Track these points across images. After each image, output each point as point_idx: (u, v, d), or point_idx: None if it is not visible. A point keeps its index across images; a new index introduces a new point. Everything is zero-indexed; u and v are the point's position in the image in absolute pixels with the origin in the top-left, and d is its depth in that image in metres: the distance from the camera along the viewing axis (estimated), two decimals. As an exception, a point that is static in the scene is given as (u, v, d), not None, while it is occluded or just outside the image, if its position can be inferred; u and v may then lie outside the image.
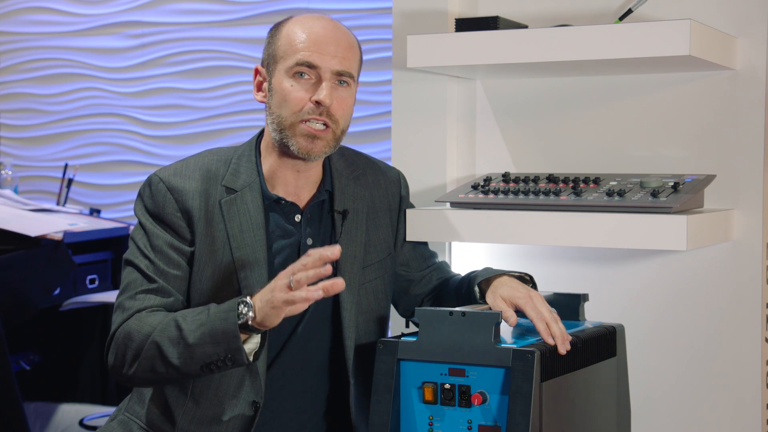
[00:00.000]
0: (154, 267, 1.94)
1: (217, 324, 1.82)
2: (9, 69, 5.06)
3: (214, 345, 1.82)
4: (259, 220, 1.97)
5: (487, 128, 2.43)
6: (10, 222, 3.47)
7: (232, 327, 1.81)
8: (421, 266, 2.19)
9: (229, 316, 1.81)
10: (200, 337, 1.83)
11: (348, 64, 1.96)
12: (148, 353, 1.87)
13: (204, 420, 1.96)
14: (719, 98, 2.20)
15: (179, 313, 1.89)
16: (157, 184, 1.97)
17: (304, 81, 1.94)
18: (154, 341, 1.86)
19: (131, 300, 1.93)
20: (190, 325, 1.85)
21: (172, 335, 1.85)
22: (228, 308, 1.83)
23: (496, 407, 1.77)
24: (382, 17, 4.31)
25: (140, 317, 1.90)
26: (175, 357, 1.85)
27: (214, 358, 1.83)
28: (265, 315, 1.80)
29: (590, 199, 2.07)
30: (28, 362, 3.77)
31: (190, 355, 1.84)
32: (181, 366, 1.85)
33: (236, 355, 1.82)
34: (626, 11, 2.22)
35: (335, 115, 1.95)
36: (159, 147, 4.79)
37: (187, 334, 1.84)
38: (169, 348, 1.85)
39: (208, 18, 4.66)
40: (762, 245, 2.17)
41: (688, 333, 2.23)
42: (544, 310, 1.87)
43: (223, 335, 1.81)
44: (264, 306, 1.80)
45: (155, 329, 1.87)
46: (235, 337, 1.81)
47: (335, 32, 1.97)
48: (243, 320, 1.81)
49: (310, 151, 1.94)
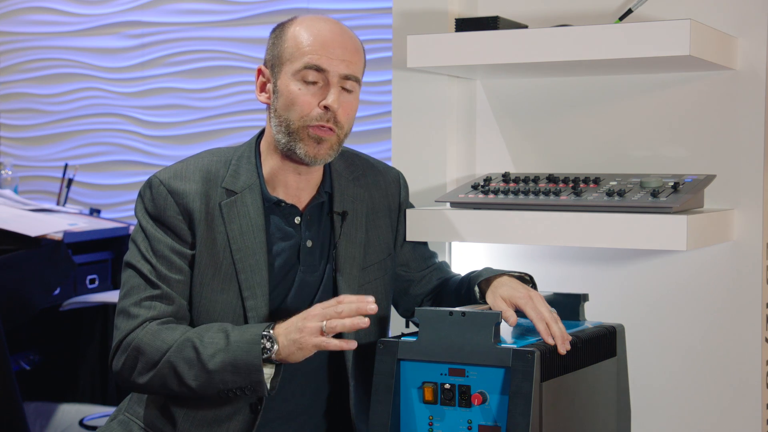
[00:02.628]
0: (157, 272, 1.94)
1: (239, 355, 1.83)
2: (9, 69, 5.06)
3: (235, 375, 1.83)
4: (259, 222, 1.97)
5: (487, 128, 2.43)
6: (10, 222, 3.47)
7: (255, 361, 1.82)
8: (420, 266, 2.19)
9: (253, 348, 1.82)
10: (221, 365, 1.83)
11: (354, 67, 1.96)
12: (161, 372, 1.87)
13: (204, 421, 1.95)
14: (719, 98, 2.20)
15: (194, 333, 1.88)
16: (158, 187, 1.97)
17: (311, 85, 1.93)
18: (169, 362, 1.86)
19: (137, 307, 1.92)
20: (208, 348, 1.85)
21: (189, 357, 1.85)
22: (251, 340, 1.83)
23: (496, 407, 1.77)
24: (382, 17, 4.31)
25: (151, 331, 1.89)
26: (191, 379, 1.86)
27: (233, 386, 1.84)
28: (290, 354, 1.82)
29: (590, 199, 2.07)
30: (28, 362, 3.77)
31: (209, 380, 1.85)
32: (197, 388, 1.86)
33: (257, 387, 1.84)
34: (626, 11, 2.22)
35: (341, 120, 1.95)
36: (159, 147, 4.79)
37: (206, 359, 1.84)
38: (185, 370, 1.85)
39: (208, 18, 4.66)
40: (762, 245, 2.17)
41: (688, 333, 2.23)
42: (544, 310, 1.87)
43: (245, 367, 1.83)
44: (290, 345, 1.82)
45: (170, 348, 1.87)
46: (258, 371, 1.82)
47: (342, 35, 1.96)
48: (267, 356, 1.82)
49: (317, 155, 1.94)
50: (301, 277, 1.99)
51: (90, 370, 3.89)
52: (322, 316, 1.81)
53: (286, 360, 1.83)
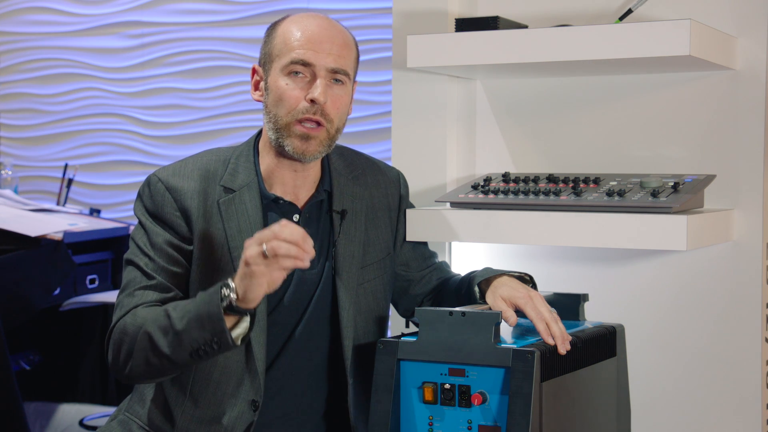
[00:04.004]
0: (154, 264, 1.94)
1: (201, 308, 1.81)
2: (9, 69, 5.06)
3: (201, 330, 1.80)
4: (257, 220, 1.97)
5: (487, 128, 2.43)
6: (10, 222, 3.47)
7: (215, 309, 1.79)
8: (420, 266, 2.19)
9: (213, 299, 1.80)
10: (187, 323, 1.82)
11: (343, 61, 1.96)
12: (140, 345, 1.86)
13: (204, 420, 1.96)
14: (719, 98, 2.20)
15: (171, 304, 1.89)
16: (156, 184, 1.98)
17: (299, 79, 1.94)
18: (145, 332, 1.86)
19: (129, 297, 1.93)
20: (179, 313, 1.84)
21: (162, 324, 1.85)
22: (211, 291, 1.81)
23: (496, 407, 1.77)
24: (382, 17, 4.31)
25: (135, 312, 1.90)
26: (165, 346, 1.84)
27: (201, 343, 1.81)
28: (246, 288, 1.77)
29: (590, 199, 2.07)
30: (28, 362, 3.77)
31: (179, 342, 1.83)
32: (171, 354, 1.84)
33: (221, 337, 1.79)
34: (626, 11, 2.22)
35: (330, 114, 1.94)
36: (159, 147, 4.79)
37: (175, 321, 1.83)
38: (159, 338, 1.84)
39: (208, 18, 4.66)
40: (762, 245, 2.17)
41: (688, 333, 2.23)
42: (544, 310, 1.87)
43: (208, 318, 1.79)
44: (242, 279, 1.77)
45: (146, 321, 1.87)
46: (219, 320, 1.78)
47: (330, 30, 1.96)
48: (226, 302, 1.78)
49: (305, 151, 1.94)
50: (299, 274, 1.99)
51: (90, 370, 3.89)
52: (258, 240, 1.75)
53: (246, 299, 1.78)
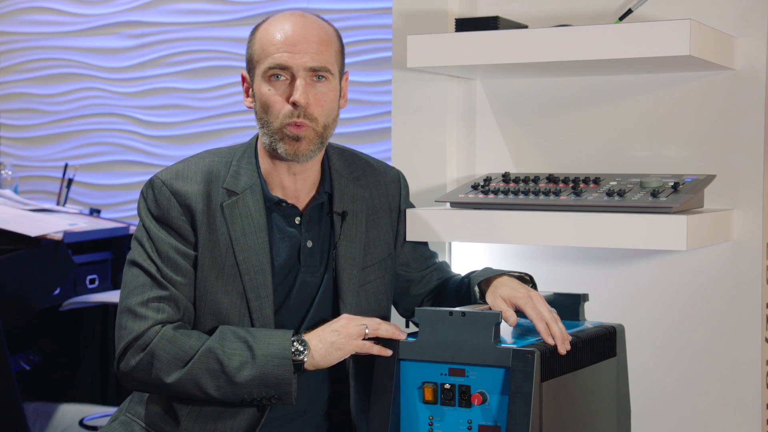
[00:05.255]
0: (162, 273, 1.93)
1: (268, 370, 1.85)
2: (9, 69, 5.06)
3: (264, 388, 1.86)
4: (261, 222, 1.97)
5: (487, 128, 2.43)
6: (10, 222, 3.47)
7: (287, 374, 1.85)
8: (421, 266, 2.19)
9: (284, 363, 1.84)
10: (249, 378, 1.85)
11: (321, 58, 1.94)
12: (181, 383, 1.87)
13: (208, 419, 1.95)
14: (719, 98, 2.20)
15: (215, 343, 1.88)
16: (161, 188, 1.96)
17: (280, 83, 1.93)
18: (191, 374, 1.87)
19: (144, 307, 1.91)
20: (233, 360, 1.86)
21: (212, 369, 1.87)
22: (281, 354, 1.85)
23: (496, 407, 1.77)
24: (382, 17, 4.31)
25: (166, 337, 1.88)
26: (213, 389, 1.87)
27: (259, 397, 1.87)
28: (325, 356, 1.86)
29: (590, 199, 2.07)
30: (28, 362, 3.77)
31: (234, 391, 1.87)
32: (220, 397, 1.88)
33: (284, 397, 1.87)
34: (626, 11, 2.22)
35: (314, 113, 1.93)
36: (159, 147, 4.79)
37: (232, 372, 1.85)
38: (207, 381, 1.87)
39: (208, 18, 4.66)
40: (762, 245, 2.17)
41: (688, 333, 2.23)
42: (544, 310, 1.87)
43: (275, 381, 1.85)
44: (326, 347, 1.86)
45: (191, 359, 1.87)
46: (288, 384, 1.85)
47: (305, 29, 1.94)
48: (299, 361, 1.86)
49: (297, 152, 1.93)
50: (302, 277, 1.99)
51: (90, 370, 3.89)
52: (361, 321, 1.87)
53: (317, 365, 1.87)
